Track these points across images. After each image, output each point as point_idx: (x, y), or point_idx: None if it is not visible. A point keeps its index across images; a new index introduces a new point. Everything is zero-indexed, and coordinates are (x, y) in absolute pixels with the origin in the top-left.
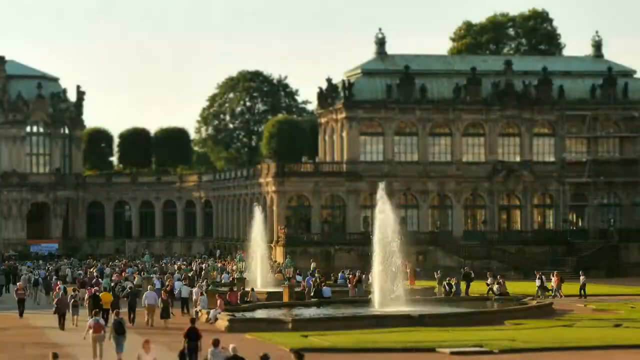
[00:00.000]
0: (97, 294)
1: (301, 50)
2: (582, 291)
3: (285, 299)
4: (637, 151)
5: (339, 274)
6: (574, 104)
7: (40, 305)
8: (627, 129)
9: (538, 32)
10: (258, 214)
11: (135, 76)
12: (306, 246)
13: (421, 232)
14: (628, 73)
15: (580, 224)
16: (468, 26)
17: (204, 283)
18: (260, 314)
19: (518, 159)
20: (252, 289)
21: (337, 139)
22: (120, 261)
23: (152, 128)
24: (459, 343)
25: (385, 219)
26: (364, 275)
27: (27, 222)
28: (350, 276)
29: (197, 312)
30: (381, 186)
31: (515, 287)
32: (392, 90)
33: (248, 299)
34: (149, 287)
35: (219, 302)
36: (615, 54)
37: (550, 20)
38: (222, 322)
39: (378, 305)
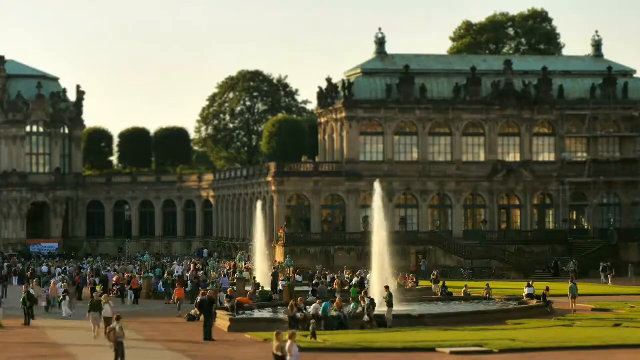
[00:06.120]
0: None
1: (301, 50)
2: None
3: (286, 298)
4: (637, 151)
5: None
6: (573, 104)
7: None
8: (627, 128)
9: (538, 32)
10: (259, 212)
11: (135, 76)
12: (306, 246)
13: (421, 232)
14: (628, 73)
15: (580, 223)
16: (468, 26)
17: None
18: (260, 314)
19: (518, 158)
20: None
21: (337, 139)
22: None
23: (152, 128)
24: (459, 343)
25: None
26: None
27: (27, 222)
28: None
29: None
30: (377, 184)
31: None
32: (392, 90)
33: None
34: None
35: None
36: (615, 54)
37: (550, 20)
38: (223, 322)
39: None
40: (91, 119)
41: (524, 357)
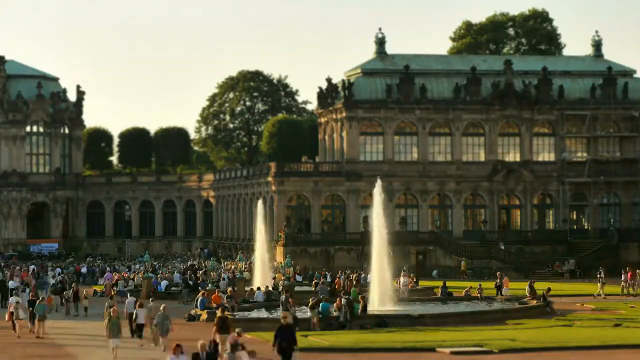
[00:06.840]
0: None
1: (301, 50)
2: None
3: None
4: (637, 151)
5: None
6: (573, 104)
7: None
8: (627, 128)
9: (538, 32)
10: (260, 212)
11: (135, 76)
12: (306, 246)
13: (421, 232)
14: (628, 73)
15: (580, 223)
16: (468, 26)
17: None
18: (260, 314)
19: (518, 158)
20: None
21: (337, 139)
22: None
23: (152, 128)
24: (459, 343)
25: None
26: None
27: (27, 222)
28: None
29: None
30: (378, 183)
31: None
32: (392, 90)
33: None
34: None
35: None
36: (615, 54)
37: (550, 20)
38: None
39: (377, 304)
40: (91, 119)
41: (524, 357)
